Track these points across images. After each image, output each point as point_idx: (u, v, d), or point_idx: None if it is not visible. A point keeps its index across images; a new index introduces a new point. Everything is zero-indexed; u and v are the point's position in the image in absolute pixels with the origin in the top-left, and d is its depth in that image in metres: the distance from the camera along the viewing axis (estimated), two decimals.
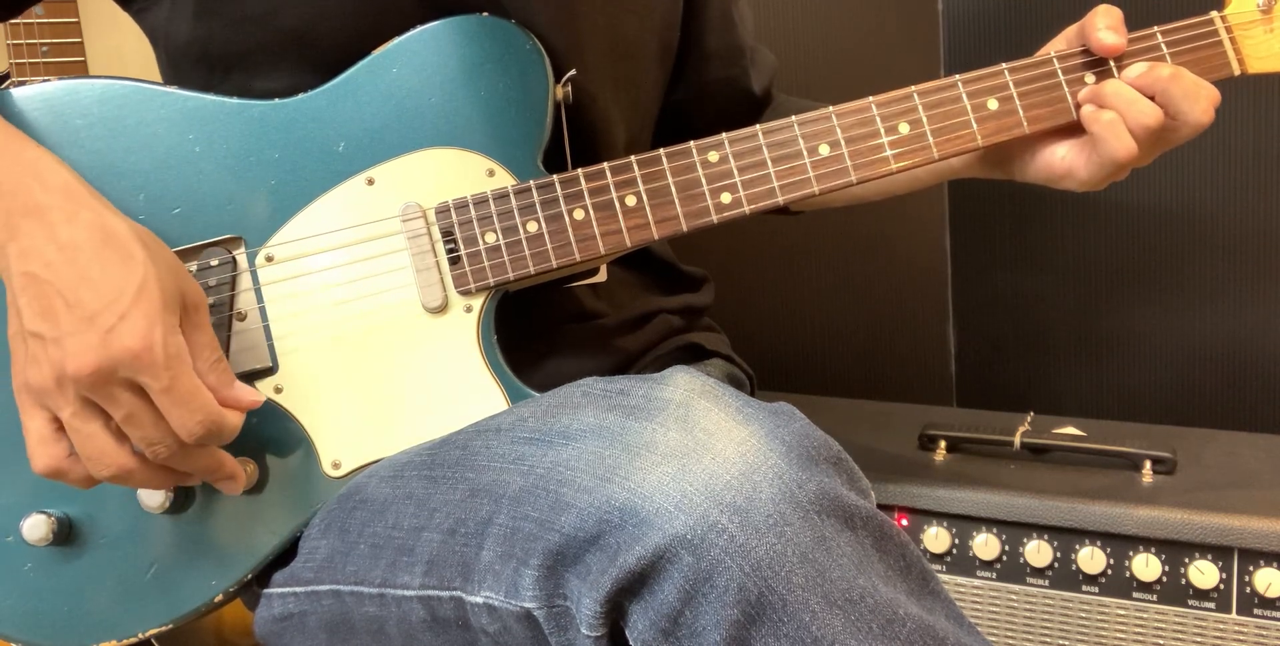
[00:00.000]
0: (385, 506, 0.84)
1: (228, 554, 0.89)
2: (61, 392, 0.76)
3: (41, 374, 0.76)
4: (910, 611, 0.71)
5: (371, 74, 0.91)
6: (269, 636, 0.92)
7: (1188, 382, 1.54)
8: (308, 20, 0.91)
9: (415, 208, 0.90)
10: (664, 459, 0.72)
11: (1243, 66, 0.91)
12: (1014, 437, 1.24)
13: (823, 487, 0.72)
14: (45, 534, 0.87)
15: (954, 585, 1.19)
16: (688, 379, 0.80)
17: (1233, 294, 1.50)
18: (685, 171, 0.90)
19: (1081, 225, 1.55)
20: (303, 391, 0.89)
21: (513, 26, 0.91)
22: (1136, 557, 1.12)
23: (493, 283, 0.90)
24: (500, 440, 0.82)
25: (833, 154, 0.89)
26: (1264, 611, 1.09)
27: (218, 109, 0.90)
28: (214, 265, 0.89)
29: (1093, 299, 1.57)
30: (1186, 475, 1.19)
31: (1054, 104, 0.91)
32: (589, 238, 0.89)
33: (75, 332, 0.75)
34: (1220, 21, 0.91)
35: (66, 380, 0.75)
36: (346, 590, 0.85)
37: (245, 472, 0.85)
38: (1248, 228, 1.47)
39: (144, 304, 0.76)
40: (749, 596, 0.68)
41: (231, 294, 0.90)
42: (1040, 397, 1.62)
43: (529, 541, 0.75)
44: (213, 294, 0.89)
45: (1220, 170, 1.47)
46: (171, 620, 0.89)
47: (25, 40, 1.61)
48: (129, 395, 0.76)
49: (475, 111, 0.91)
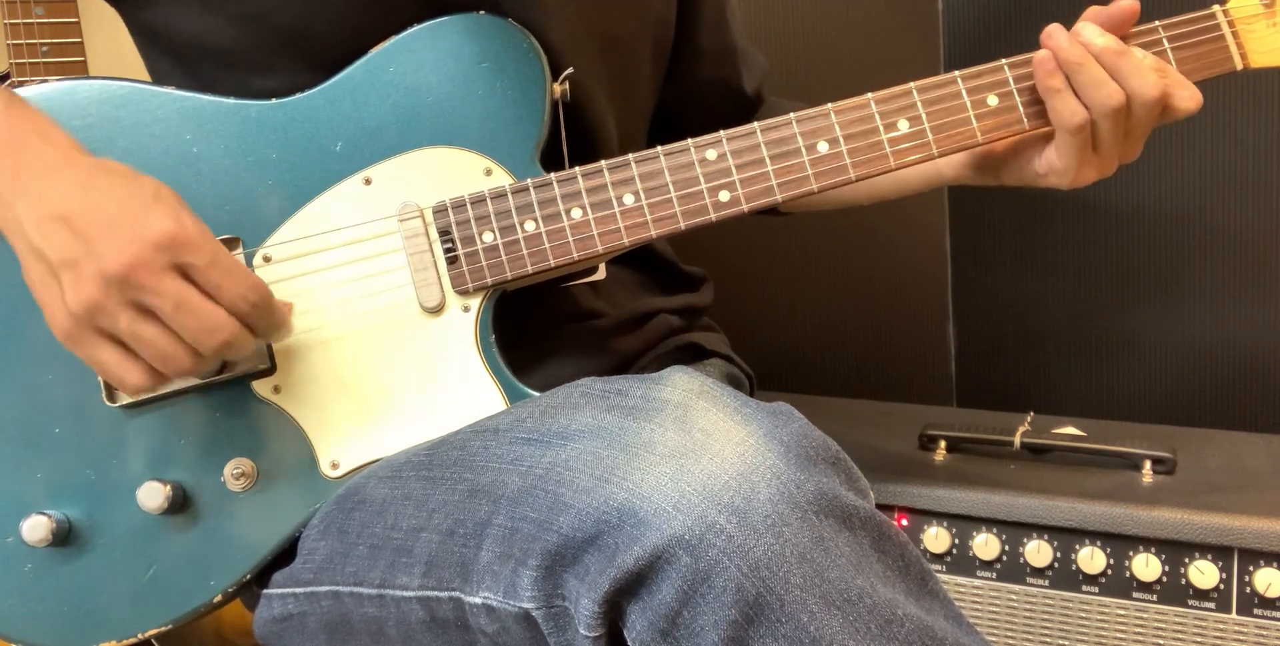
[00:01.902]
0: (384, 507, 0.84)
1: (227, 554, 0.89)
2: (110, 299, 0.76)
3: (85, 290, 0.76)
4: (909, 611, 0.71)
5: (368, 73, 0.91)
6: (268, 637, 0.92)
7: (1188, 382, 1.54)
8: (304, 18, 0.91)
9: (413, 207, 0.90)
10: (662, 459, 0.72)
11: (1245, 61, 0.91)
12: (1014, 437, 1.24)
13: (821, 488, 0.72)
14: (45, 535, 0.87)
15: (954, 585, 1.19)
16: (686, 379, 0.80)
17: (1233, 294, 1.50)
18: (683, 170, 0.89)
19: (1082, 225, 1.55)
20: (301, 392, 0.89)
21: (509, 24, 0.91)
22: (1136, 557, 1.12)
23: (490, 282, 0.90)
24: (499, 440, 0.81)
25: (831, 152, 0.89)
26: (1264, 611, 1.09)
27: (215, 109, 0.90)
28: None
29: (1093, 299, 1.57)
30: (1186, 475, 1.19)
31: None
32: (587, 237, 0.89)
33: (105, 238, 0.76)
34: (1223, 16, 0.90)
35: (111, 283, 0.76)
36: (346, 591, 0.85)
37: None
38: (1248, 228, 1.47)
39: (164, 200, 0.78)
40: (747, 597, 0.68)
41: None
42: (1040, 397, 1.62)
43: (527, 542, 0.74)
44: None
45: (1220, 170, 1.47)
46: (171, 620, 0.89)
47: (25, 40, 1.61)
48: (174, 282, 0.77)
49: (472, 110, 0.91)
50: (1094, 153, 0.90)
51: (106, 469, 0.89)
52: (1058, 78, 0.87)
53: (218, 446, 0.89)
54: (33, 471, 0.89)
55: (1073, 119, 0.88)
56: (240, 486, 0.89)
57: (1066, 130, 0.88)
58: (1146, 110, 0.88)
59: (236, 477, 0.89)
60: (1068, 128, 0.88)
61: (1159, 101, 0.87)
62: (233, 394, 0.90)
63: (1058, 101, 0.88)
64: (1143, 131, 0.90)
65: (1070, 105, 0.87)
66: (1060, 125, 0.88)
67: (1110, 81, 0.87)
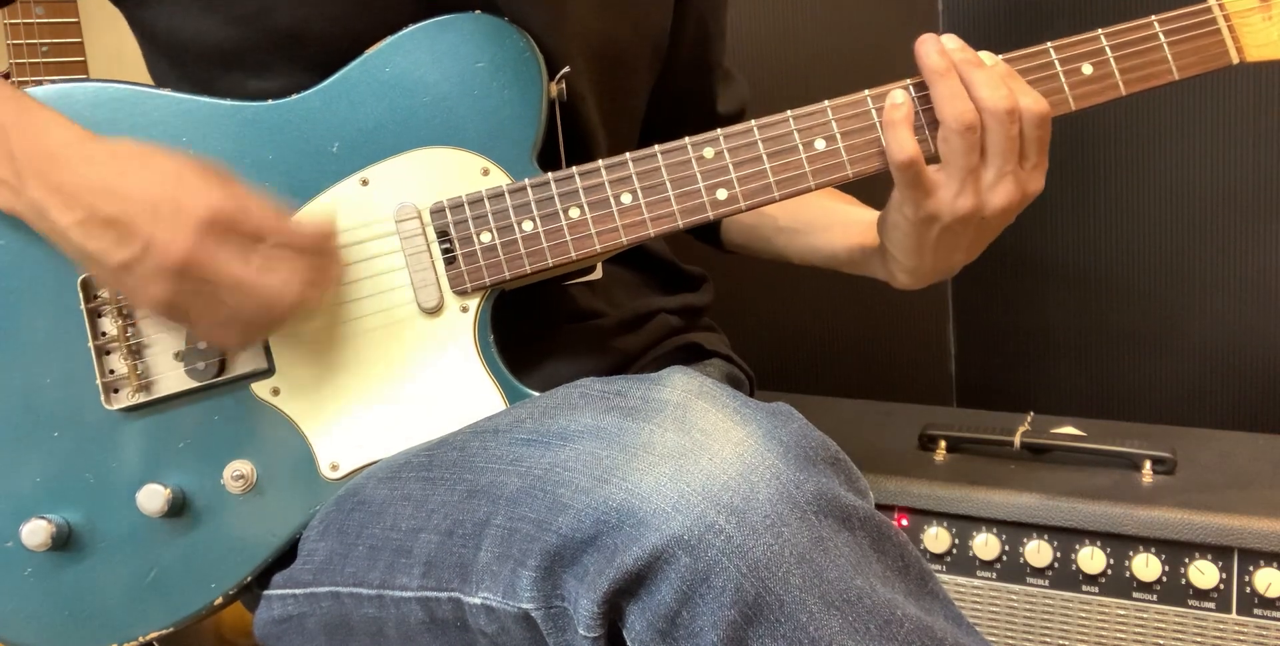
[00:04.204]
0: (383, 508, 0.84)
1: (227, 557, 0.89)
2: (178, 289, 0.79)
3: (154, 289, 0.79)
4: (908, 612, 0.71)
5: (365, 73, 0.91)
6: (268, 638, 0.92)
7: (1188, 382, 1.54)
8: (301, 19, 0.91)
9: (410, 208, 0.90)
10: (661, 460, 0.72)
11: (1241, 55, 0.91)
12: (1014, 437, 1.24)
13: (820, 488, 0.72)
14: (44, 539, 0.87)
15: (954, 585, 1.19)
16: (685, 379, 0.80)
17: (1233, 294, 1.50)
18: (680, 168, 0.89)
19: (1081, 226, 1.55)
20: (300, 393, 0.89)
21: (506, 25, 0.91)
22: (1136, 557, 1.12)
23: (489, 283, 0.90)
24: (498, 441, 0.81)
25: (829, 148, 0.89)
26: (1264, 611, 1.09)
27: (211, 111, 0.90)
28: None
29: (1093, 299, 1.57)
30: (1186, 475, 1.19)
31: (1051, 95, 0.90)
32: (585, 236, 0.89)
33: (152, 233, 0.78)
34: (1218, 9, 0.90)
35: (173, 277, 0.78)
36: (345, 591, 0.85)
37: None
38: (1247, 228, 1.47)
39: (187, 176, 0.80)
40: (746, 597, 0.68)
41: None
42: (1040, 398, 1.62)
43: (527, 542, 0.74)
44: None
45: (1220, 170, 1.47)
46: (172, 623, 0.89)
47: (25, 40, 1.61)
48: (228, 264, 0.79)
49: (469, 110, 0.90)
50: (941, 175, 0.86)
51: (106, 472, 0.89)
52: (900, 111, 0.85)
53: (217, 449, 0.89)
54: (31, 475, 0.89)
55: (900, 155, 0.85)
56: (240, 488, 0.89)
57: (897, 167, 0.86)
58: (997, 123, 0.84)
59: (236, 480, 0.89)
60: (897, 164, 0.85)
61: (1009, 110, 0.83)
62: (232, 396, 0.90)
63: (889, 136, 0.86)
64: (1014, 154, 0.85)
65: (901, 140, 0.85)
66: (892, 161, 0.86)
67: (963, 98, 0.84)
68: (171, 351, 0.90)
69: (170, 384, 0.89)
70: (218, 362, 0.89)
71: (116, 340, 0.89)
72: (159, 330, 0.89)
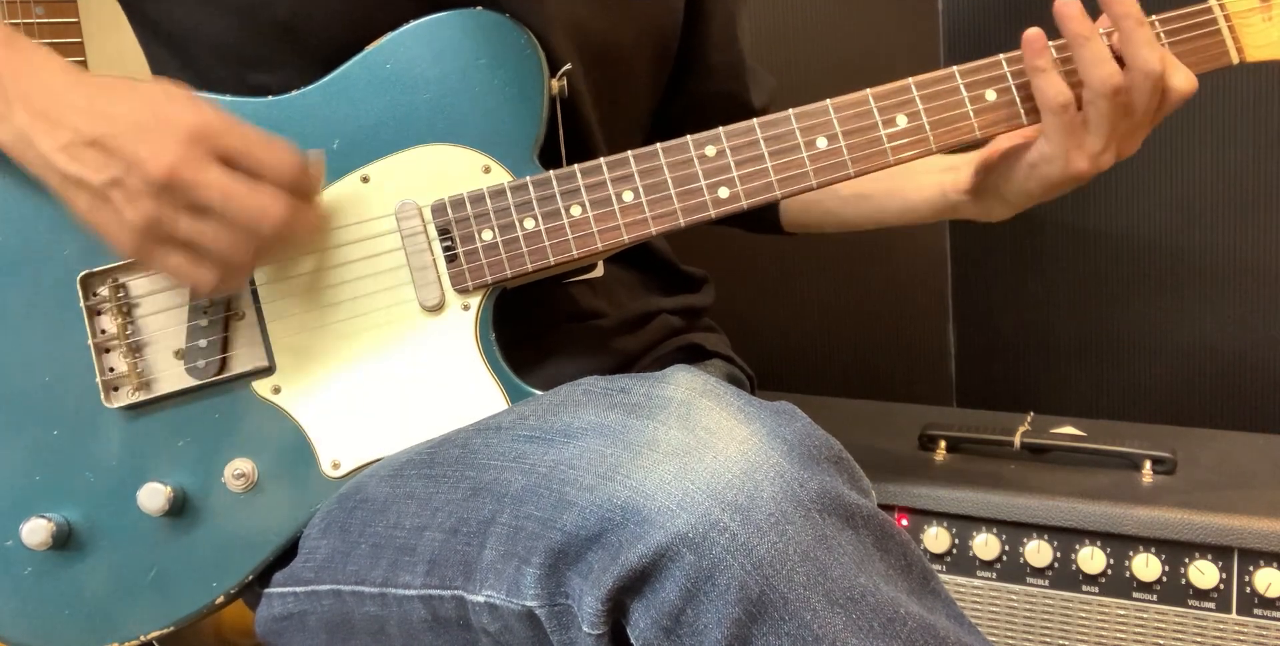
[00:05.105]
0: (386, 506, 0.84)
1: (228, 555, 0.89)
2: (165, 206, 0.78)
3: (140, 205, 0.78)
4: (911, 610, 0.71)
5: (365, 70, 0.91)
6: (269, 636, 0.92)
7: (1188, 383, 1.54)
8: (301, 12, 0.91)
9: (411, 206, 0.90)
10: (666, 457, 0.72)
11: (1241, 55, 0.91)
12: (1014, 437, 1.24)
13: (824, 486, 0.72)
14: (45, 538, 0.87)
15: (954, 585, 1.19)
16: (689, 377, 0.79)
17: (1233, 294, 1.50)
18: (682, 166, 0.89)
19: (1082, 225, 1.55)
20: (301, 391, 0.89)
21: (507, 21, 0.91)
22: (1136, 557, 1.12)
23: (490, 281, 0.89)
24: (501, 438, 0.81)
25: (830, 147, 0.89)
26: (1264, 611, 1.09)
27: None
28: None
29: (1093, 299, 1.57)
30: (1186, 475, 1.19)
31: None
32: (586, 234, 0.89)
33: (138, 147, 0.77)
34: (1219, 9, 0.91)
35: (162, 190, 0.77)
36: (347, 590, 0.85)
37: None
38: (1247, 228, 1.47)
39: (176, 95, 0.80)
40: (750, 594, 0.68)
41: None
42: (1040, 397, 1.62)
43: (531, 540, 0.74)
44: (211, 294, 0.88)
45: (1220, 169, 1.47)
46: (173, 622, 0.89)
47: None
48: (217, 173, 0.78)
49: (470, 107, 0.90)
50: (1086, 134, 0.89)
51: (106, 471, 0.89)
52: (1044, 57, 0.87)
53: (218, 447, 0.89)
54: (32, 474, 0.89)
55: (1056, 98, 0.87)
56: (241, 487, 0.89)
57: (1050, 110, 0.88)
58: (1147, 87, 0.87)
59: (237, 478, 0.89)
60: (1051, 107, 0.87)
61: (1160, 76, 0.86)
62: (232, 394, 0.90)
63: (1042, 81, 0.87)
64: (1142, 118, 0.89)
65: (1056, 85, 0.87)
66: (1044, 105, 0.88)
67: (1110, 61, 0.86)
68: (171, 349, 0.89)
69: (170, 382, 0.89)
70: (218, 361, 0.89)
71: (116, 338, 0.89)
72: (159, 328, 0.89)
